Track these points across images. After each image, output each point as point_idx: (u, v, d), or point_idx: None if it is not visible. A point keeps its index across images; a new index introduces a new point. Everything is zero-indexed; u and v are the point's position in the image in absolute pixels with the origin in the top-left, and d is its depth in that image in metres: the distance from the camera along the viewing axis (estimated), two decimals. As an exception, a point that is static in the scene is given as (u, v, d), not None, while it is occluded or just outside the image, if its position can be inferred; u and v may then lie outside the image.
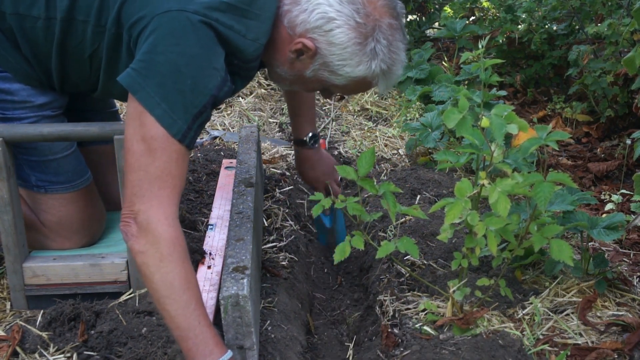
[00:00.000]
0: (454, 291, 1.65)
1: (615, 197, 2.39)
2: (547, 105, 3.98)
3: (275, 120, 3.80)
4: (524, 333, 1.65)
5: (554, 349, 1.60)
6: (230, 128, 3.47)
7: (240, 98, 3.91)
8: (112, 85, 1.63)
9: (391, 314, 1.83)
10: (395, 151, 3.37)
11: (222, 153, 2.94)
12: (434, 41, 5.47)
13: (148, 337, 1.59)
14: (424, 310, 1.78)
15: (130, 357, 1.53)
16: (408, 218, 2.33)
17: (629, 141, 2.89)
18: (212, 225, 2.10)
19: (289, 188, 2.67)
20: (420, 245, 2.12)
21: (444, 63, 4.72)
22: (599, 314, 1.74)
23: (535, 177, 1.44)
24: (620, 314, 1.73)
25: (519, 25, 4.37)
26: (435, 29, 6.02)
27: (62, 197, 1.79)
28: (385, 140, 3.52)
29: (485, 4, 5.15)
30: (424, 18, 5.97)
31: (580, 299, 1.78)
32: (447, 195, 2.53)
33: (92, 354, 1.56)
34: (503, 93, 3.32)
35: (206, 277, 1.81)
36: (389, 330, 1.75)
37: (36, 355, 1.57)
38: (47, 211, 1.79)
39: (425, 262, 2.03)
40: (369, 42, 1.56)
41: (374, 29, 1.56)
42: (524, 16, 4.27)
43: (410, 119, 3.64)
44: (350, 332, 2.06)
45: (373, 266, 2.22)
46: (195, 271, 1.78)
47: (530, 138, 1.50)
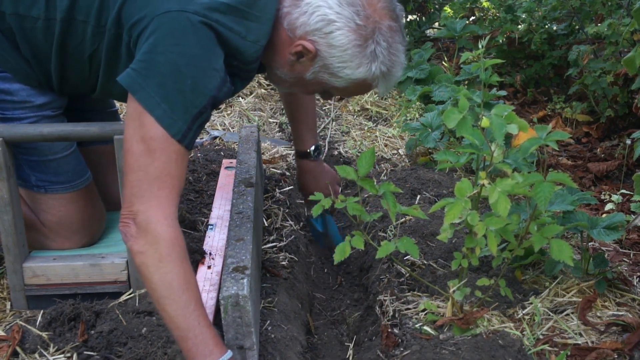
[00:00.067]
0: (454, 291, 1.65)
1: (615, 197, 2.39)
2: (547, 105, 3.98)
3: (275, 120, 3.80)
4: (524, 333, 1.65)
5: (554, 349, 1.60)
6: (230, 128, 3.47)
7: (240, 98, 3.91)
8: (112, 85, 1.63)
9: (391, 314, 1.83)
10: (395, 151, 3.37)
11: (222, 153, 2.94)
12: (434, 41, 5.47)
13: (148, 337, 1.59)
14: (424, 310, 1.78)
15: (130, 357, 1.53)
16: (408, 218, 2.32)
17: (629, 141, 2.89)
18: (212, 225, 2.10)
19: (289, 188, 2.67)
20: (420, 245, 2.12)
21: (444, 63, 4.72)
22: (599, 314, 1.74)
23: (535, 177, 1.44)
24: (620, 314, 1.73)
25: (519, 25, 4.37)
26: (435, 29, 6.02)
27: (62, 197, 1.79)
28: (385, 140, 3.52)
29: (485, 4, 5.15)
30: (424, 18, 5.97)
31: (580, 299, 1.78)
32: (447, 195, 2.52)
33: (92, 354, 1.56)
34: (503, 93, 3.32)
35: (206, 277, 1.81)
36: (389, 330, 1.75)
37: (36, 355, 1.57)
38: (47, 211, 1.79)
39: (425, 262, 2.03)
40: (369, 44, 1.56)
41: (373, 31, 1.56)
42: (524, 16, 4.27)
43: (410, 119, 3.64)
44: (350, 332, 2.06)
45: (373, 266, 2.22)
46: (195, 271, 1.78)
47: (530, 138, 1.50)
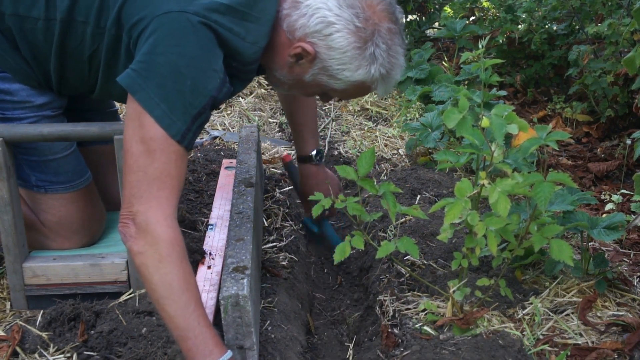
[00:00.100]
0: (454, 291, 1.65)
1: (615, 197, 2.39)
2: (547, 105, 3.98)
3: (275, 120, 3.80)
4: (524, 333, 1.65)
5: (554, 349, 1.60)
6: (230, 128, 3.47)
7: (240, 98, 3.91)
8: (111, 86, 1.63)
9: (391, 314, 1.83)
10: (395, 151, 3.37)
11: (222, 153, 2.94)
12: (434, 41, 5.47)
13: (148, 337, 1.59)
14: (424, 310, 1.78)
15: (130, 357, 1.53)
16: (408, 218, 2.32)
17: (629, 141, 2.89)
18: (212, 225, 2.10)
19: (289, 188, 2.67)
20: (420, 245, 2.12)
21: (444, 63, 4.72)
22: (599, 314, 1.74)
23: (535, 177, 1.44)
24: (620, 314, 1.73)
25: (519, 25, 4.37)
26: (435, 29, 6.02)
27: (62, 197, 1.79)
28: (385, 140, 3.52)
29: (485, 4, 5.15)
30: (424, 18, 5.97)
31: (580, 299, 1.78)
32: (447, 195, 2.52)
33: (92, 354, 1.56)
34: (503, 93, 3.32)
35: (206, 277, 1.81)
36: (389, 330, 1.75)
37: (36, 355, 1.57)
38: (47, 211, 1.79)
39: (425, 262, 2.03)
40: (368, 47, 1.56)
41: (373, 33, 1.56)
42: (524, 16, 4.27)
43: (410, 119, 3.64)
44: (350, 332, 2.06)
45: (373, 266, 2.22)
46: (195, 271, 1.78)
47: (530, 138, 1.50)
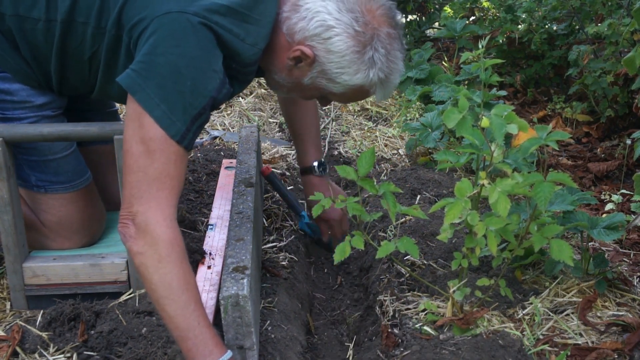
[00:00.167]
0: (454, 291, 1.65)
1: (615, 197, 2.39)
2: (547, 105, 3.98)
3: (275, 120, 3.80)
4: (524, 333, 1.65)
5: (554, 349, 1.60)
6: (230, 128, 3.47)
7: (240, 98, 3.90)
8: (110, 87, 1.64)
9: (391, 314, 1.83)
10: (395, 151, 3.37)
11: (222, 153, 2.93)
12: (434, 41, 5.47)
13: (148, 337, 1.59)
14: (424, 310, 1.78)
15: (130, 357, 1.53)
16: (408, 218, 2.32)
17: (629, 141, 2.89)
18: (212, 225, 2.10)
19: (289, 188, 2.67)
20: (420, 245, 2.12)
21: (444, 63, 4.72)
22: (599, 314, 1.74)
23: (535, 177, 1.44)
24: (620, 314, 1.73)
25: (519, 25, 4.37)
26: (435, 29, 6.02)
27: (62, 197, 1.79)
28: (385, 140, 3.52)
29: (485, 4, 5.15)
30: (424, 18, 5.98)
31: (580, 299, 1.78)
32: (447, 195, 2.52)
33: (92, 354, 1.56)
34: (503, 93, 3.32)
35: (206, 277, 1.81)
36: (389, 330, 1.75)
37: (36, 355, 1.57)
38: (47, 211, 1.79)
39: (425, 262, 2.03)
40: (367, 51, 1.56)
41: (372, 37, 1.56)
42: (524, 16, 4.28)
43: (410, 119, 3.64)
44: (350, 332, 2.06)
45: (373, 266, 2.22)
46: (195, 271, 1.78)
47: (530, 138, 1.50)
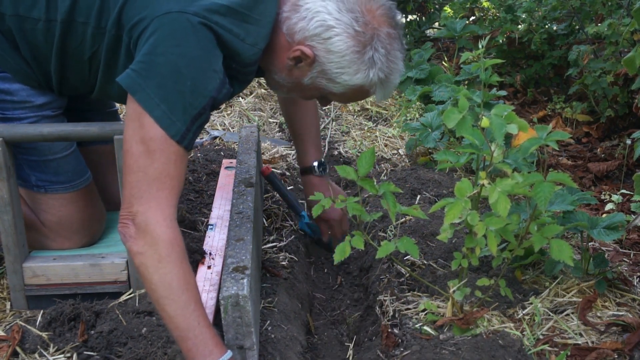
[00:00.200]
0: (454, 291, 1.65)
1: (615, 197, 2.39)
2: (547, 105, 3.98)
3: (275, 120, 3.80)
4: (524, 333, 1.65)
5: (554, 349, 1.60)
6: (230, 128, 3.47)
7: (240, 98, 3.90)
8: (110, 87, 1.64)
9: (391, 314, 1.83)
10: (395, 151, 3.37)
11: (222, 153, 2.93)
12: (434, 41, 5.48)
13: (148, 337, 1.59)
14: (424, 310, 1.78)
15: (130, 357, 1.53)
16: (408, 218, 2.32)
17: (629, 141, 2.89)
18: (212, 225, 2.10)
19: (289, 188, 2.67)
20: (420, 245, 2.12)
21: (444, 63, 4.72)
22: (599, 314, 1.74)
23: (535, 177, 1.44)
24: (620, 314, 1.73)
25: (519, 25, 4.37)
26: (435, 29, 6.02)
27: (62, 197, 1.79)
28: (385, 140, 3.52)
29: (485, 4, 5.15)
30: (424, 18, 5.98)
31: (580, 299, 1.78)
32: (447, 195, 2.52)
33: (92, 354, 1.56)
34: (503, 93, 3.32)
35: (206, 277, 1.81)
36: (389, 330, 1.75)
37: (36, 355, 1.57)
38: (47, 211, 1.79)
39: (425, 262, 2.03)
40: (367, 51, 1.56)
41: (372, 37, 1.56)
42: (524, 16, 4.28)
43: (410, 119, 3.64)
44: (350, 332, 2.06)
45: (373, 266, 2.22)
46: (195, 271, 1.78)
47: (530, 138, 1.50)
